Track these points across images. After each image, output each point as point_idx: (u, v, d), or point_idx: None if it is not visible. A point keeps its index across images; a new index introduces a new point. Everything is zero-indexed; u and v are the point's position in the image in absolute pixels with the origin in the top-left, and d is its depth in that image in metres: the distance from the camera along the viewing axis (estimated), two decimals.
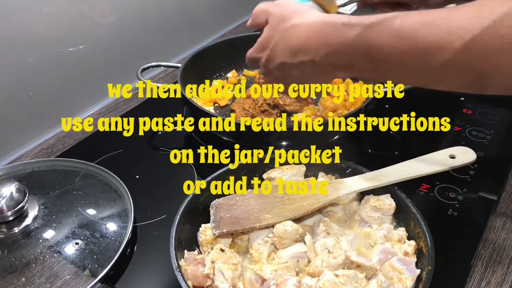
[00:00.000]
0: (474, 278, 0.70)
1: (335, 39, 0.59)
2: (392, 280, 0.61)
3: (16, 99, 0.92)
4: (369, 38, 0.57)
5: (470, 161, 0.71)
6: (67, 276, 0.68)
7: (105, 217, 0.76)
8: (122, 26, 1.08)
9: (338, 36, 0.59)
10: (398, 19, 0.55)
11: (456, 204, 0.80)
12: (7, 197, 0.71)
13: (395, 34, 0.55)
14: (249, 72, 1.15)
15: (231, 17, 1.44)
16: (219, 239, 0.68)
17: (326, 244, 0.65)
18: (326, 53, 0.61)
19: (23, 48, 0.90)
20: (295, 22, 0.63)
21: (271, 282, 0.60)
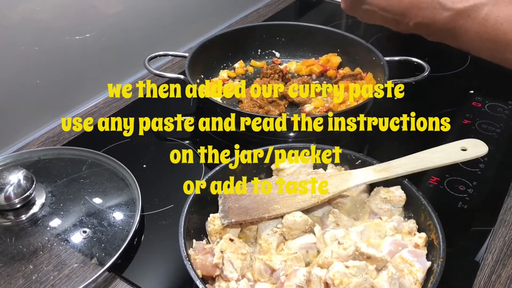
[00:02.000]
0: (484, 271, 0.69)
1: (429, 14, 0.67)
2: (402, 272, 0.60)
3: (23, 87, 0.91)
4: (458, 21, 0.64)
5: (482, 153, 0.70)
6: (74, 264, 0.68)
7: (112, 206, 0.76)
8: (129, 14, 1.07)
9: (433, 12, 0.66)
10: (486, 8, 0.63)
11: (466, 197, 0.79)
12: (15, 185, 0.71)
13: (480, 22, 0.63)
14: (256, 63, 1.15)
15: (239, 7, 1.42)
16: (227, 229, 0.67)
17: (336, 235, 0.64)
18: (419, 23, 0.68)
19: (30, 36, 0.89)
20: None
21: (280, 272, 0.59)
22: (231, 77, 1.10)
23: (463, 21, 0.64)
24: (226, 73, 1.10)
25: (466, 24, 0.64)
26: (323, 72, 1.11)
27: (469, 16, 0.63)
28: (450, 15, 0.65)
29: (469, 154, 0.71)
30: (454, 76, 1.12)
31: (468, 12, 0.63)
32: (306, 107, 0.98)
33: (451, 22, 0.65)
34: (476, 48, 0.66)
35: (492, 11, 0.62)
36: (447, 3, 0.65)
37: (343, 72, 1.08)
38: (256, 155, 0.76)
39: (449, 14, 0.65)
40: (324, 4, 1.50)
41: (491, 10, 0.62)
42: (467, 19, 0.63)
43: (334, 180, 0.71)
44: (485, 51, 0.66)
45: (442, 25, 0.66)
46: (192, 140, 0.94)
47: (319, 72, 1.10)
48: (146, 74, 1.13)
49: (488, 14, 0.62)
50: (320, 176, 0.72)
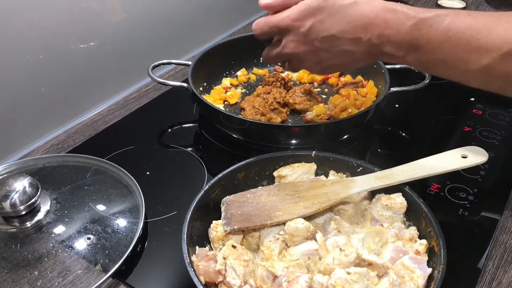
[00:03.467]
0: (485, 278, 0.69)
1: (393, 24, 0.65)
2: (403, 278, 0.61)
3: (27, 95, 0.92)
4: (421, 30, 0.64)
5: (482, 161, 0.71)
6: (78, 270, 0.68)
7: (116, 213, 0.76)
8: (133, 23, 1.09)
9: (396, 22, 0.65)
10: (448, 18, 0.62)
11: (466, 204, 0.80)
12: (20, 192, 0.71)
13: (443, 31, 0.62)
14: (259, 70, 1.16)
15: (241, 15, 1.44)
16: (230, 236, 0.68)
17: (338, 242, 0.65)
18: (382, 35, 0.66)
19: (35, 44, 0.90)
20: (357, 1, 0.67)
21: (282, 279, 0.60)
22: (233, 85, 1.11)
23: (426, 31, 0.63)
24: (229, 80, 1.11)
25: (428, 33, 0.63)
26: (324, 79, 1.12)
27: (431, 26, 0.63)
28: (413, 24, 0.64)
29: (469, 161, 0.71)
30: (454, 84, 1.12)
31: (430, 21, 0.63)
32: (308, 114, 0.99)
33: (414, 31, 0.64)
34: (438, 61, 0.65)
35: (454, 21, 0.62)
36: (410, 12, 0.65)
37: (345, 80, 1.09)
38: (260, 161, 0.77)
39: (412, 23, 0.64)
40: None
41: (452, 20, 0.62)
42: (430, 29, 0.63)
43: (336, 187, 0.72)
44: (450, 65, 0.64)
45: (405, 35, 0.65)
46: (195, 147, 0.95)
47: (320, 80, 1.11)
48: (150, 82, 1.14)
49: (450, 24, 0.62)
50: (321, 183, 0.73)
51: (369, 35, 0.67)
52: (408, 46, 0.65)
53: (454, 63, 0.63)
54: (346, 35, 0.68)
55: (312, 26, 0.69)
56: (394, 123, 1.01)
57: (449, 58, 0.63)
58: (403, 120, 1.02)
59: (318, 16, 0.69)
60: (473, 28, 0.60)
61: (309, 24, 0.70)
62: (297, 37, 0.72)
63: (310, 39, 0.71)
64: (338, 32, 0.68)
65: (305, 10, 0.70)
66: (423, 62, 0.67)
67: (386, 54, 0.68)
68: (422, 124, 1.01)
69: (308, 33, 0.70)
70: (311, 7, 0.69)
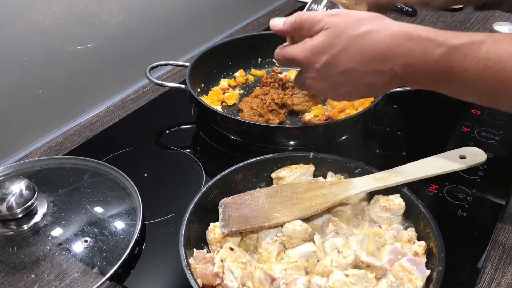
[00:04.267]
0: (484, 279, 0.69)
1: (419, 54, 0.59)
2: (402, 280, 0.61)
3: (25, 97, 0.92)
4: (454, 60, 0.57)
5: (480, 161, 0.71)
6: (76, 273, 0.68)
7: (113, 215, 0.76)
8: (131, 24, 1.08)
9: (422, 51, 0.58)
10: (486, 45, 0.56)
11: (465, 205, 0.80)
12: (17, 194, 0.71)
13: (481, 60, 0.56)
14: (257, 71, 1.15)
15: (239, 16, 1.44)
16: (228, 238, 0.68)
17: (336, 243, 0.65)
18: (406, 65, 0.60)
19: (32, 47, 0.90)
20: (370, 29, 0.61)
21: (281, 281, 0.60)
22: (231, 86, 1.11)
23: (460, 60, 0.57)
24: (227, 82, 1.11)
25: (463, 63, 0.57)
26: None
27: (466, 55, 0.56)
28: (443, 52, 0.57)
29: (468, 162, 0.71)
30: None
31: (464, 50, 0.57)
32: (306, 115, 0.99)
33: (445, 60, 0.57)
34: (476, 90, 0.59)
35: (493, 47, 0.56)
36: (439, 39, 0.58)
37: None
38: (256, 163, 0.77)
39: (442, 51, 0.57)
40: None
41: (491, 47, 0.56)
42: (465, 58, 0.56)
43: (334, 188, 0.71)
44: (489, 93, 0.58)
45: (434, 65, 0.58)
46: (193, 149, 0.95)
47: None
48: (147, 84, 1.14)
49: (489, 52, 0.55)
50: (319, 184, 0.73)
51: (390, 65, 0.61)
52: (438, 76, 0.59)
53: (493, 91, 0.58)
54: (365, 67, 0.62)
55: (327, 62, 0.64)
56: (392, 124, 1.01)
57: (487, 88, 0.57)
58: (401, 121, 1.02)
59: (332, 50, 0.63)
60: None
61: (324, 60, 0.64)
62: (313, 74, 0.66)
63: (326, 75, 0.65)
64: (356, 65, 0.62)
65: (319, 46, 0.64)
66: (455, 92, 0.61)
67: (411, 82, 0.63)
68: (420, 125, 1.01)
69: (323, 70, 0.65)
70: (324, 42, 0.63)
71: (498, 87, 0.57)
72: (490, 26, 1.38)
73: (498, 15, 1.46)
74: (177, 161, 0.92)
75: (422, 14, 1.45)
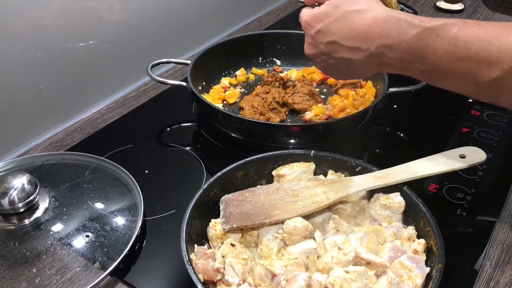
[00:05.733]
0: (482, 278, 0.70)
1: (395, 33, 0.63)
2: (402, 277, 0.61)
3: (26, 93, 0.92)
4: (426, 40, 0.61)
5: (480, 161, 0.71)
6: (77, 268, 0.68)
7: (115, 211, 0.76)
8: (132, 22, 1.09)
9: (398, 31, 0.62)
10: (456, 27, 0.59)
11: (464, 204, 0.80)
12: (19, 189, 0.71)
13: (450, 41, 0.59)
14: (258, 70, 1.16)
15: (240, 15, 1.44)
16: (228, 234, 0.68)
17: (336, 241, 0.65)
18: (382, 45, 0.64)
19: (34, 43, 0.90)
20: (361, 8, 0.66)
21: (281, 277, 0.60)
22: (232, 84, 1.11)
23: (432, 40, 0.60)
24: (228, 80, 1.11)
25: (435, 43, 0.60)
26: (323, 80, 1.12)
27: (438, 35, 0.60)
28: (417, 33, 0.61)
29: (468, 161, 0.72)
30: None
31: (437, 31, 0.60)
32: (307, 114, 0.99)
33: (418, 40, 0.61)
34: (444, 72, 0.62)
35: (462, 30, 0.59)
36: (415, 21, 0.62)
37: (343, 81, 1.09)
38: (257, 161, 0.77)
39: (416, 32, 0.61)
40: None
41: (461, 29, 0.59)
42: (436, 38, 0.60)
43: (334, 186, 0.72)
44: (457, 76, 0.61)
45: (408, 45, 0.62)
46: (194, 146, 0.95)
47: (319, 80, 1.11)
48: (149, 81, 1.14)
49: (458, 34, 0.59)
50: (320, 182, 0.73)
51: (368, 44, 0.65)
52: (412, 56, 0.63)
53: (462, 75, 0.60)
54: (346, 42, 0.67)
55: (320, 30, 0.70)
56: (392, 123, 1.01)
57: (456, 70, 0.60)
58: (401, 121, 1.02)
59: (326, 20, 0.68)
60: (483, 39, 0.58)
61: (318, 28, 0.70)
62: (309, 39, 0.73)
63: (317, 42, 0.71)
64: (339, 38, 0.68)
65: (318, 14, 0.70)
66: (428, 73, 0.64)
67: (387, 64, 0.67)
68: (420, 125, 1.01)
69: (316, 36, 0.71)
70: (322, 12, 0.69)
71: (465, 69, 0.59)
72: (433, 2, 1.40)
73: (498, 17, 1.47)
74: (178, 158, 0.92)
75: (422, 14, 1.46)
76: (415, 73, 0.66)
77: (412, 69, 0.65)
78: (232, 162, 0.76)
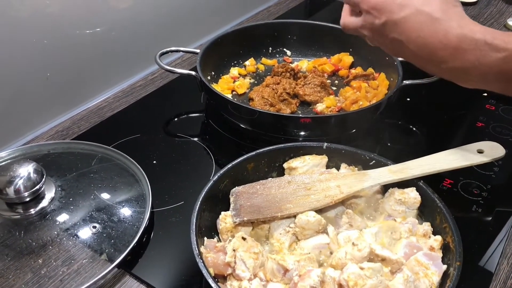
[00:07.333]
0: (499, 276, 0.68)
1: (472, 58, 0.57)
2: (418, 275, 0.59)
3: (33, 81, 0.90)
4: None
5: (500, 156, 0.69)
6: (83, 259, 0.67)
7: (122, 202, 0.75)
8: (141, 9, 1.06)
9: (477, 55, 0.57)
10: None
11: (480, 200, 0.78)
12: (25, 178, 0.69)
13: None
14: (267, 61, 1.14)
15: (251, 4, 1.41)
16: (239, 227, 0.67)
17: (350, 236, 0.63)
18: (456, 68, 0.59)
19: (40, 30, 0.88)
20: (433, 12, 0.59)
21: (294, 272, 0.58)
22: (241, 75, 1.09)
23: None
24: (237, 70, 1.09)
25: None
26: (334, 71, 1.10)
27: None
28: (502, 57, 0.55)
29: (486, 156, 0.70)
30: None
31: None
32: (318, 106, 0.97)
33: (504, 64, 0.55)
34: None
35: None
36: (498, 43, 0.55)
37: (355, 72, 1.06)
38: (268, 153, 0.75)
39: (501, 56, 0.55)
40: (334, 2, 1.49)
41: None
42: None
43: (348, 180, 0.70)
44: None
45: (490, 69, 0.56)
46: (202, 137, 0.93)
47: (330, 72, 1.09)
48: (156, 70, 1.12)
49: None
50: (333, 176, 0.71)
51: (438, 62, 0.60)
52: (495, 77, 0.57)
53: None
54: (414, 48, 0.61)
55: (386, 23, 0.63)
56: (405, 116, 0.99)
57: None
58: (414, 114, 1.00)
59: (394, 15, 0.61)
60: None
61: (383, 20, 0.63)
62: (372, 26, 0.65)
63: (382, 33, 0.64)
64: (407, 41, 0.61)
65: (390, 4, 0.62)
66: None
67: (464, 80, 0.61)
68: (433, 119, 0.99)
69: (381, 28, 0.64)
70: (393, 2, 0.62)
71: None
72: (504, 21, 1.36)
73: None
74: (186, 149, 0.90)
75: None
76: (495, 89, 0.61)
77: (493, 86, 0.60)
78: (241, 153, 0.74)
